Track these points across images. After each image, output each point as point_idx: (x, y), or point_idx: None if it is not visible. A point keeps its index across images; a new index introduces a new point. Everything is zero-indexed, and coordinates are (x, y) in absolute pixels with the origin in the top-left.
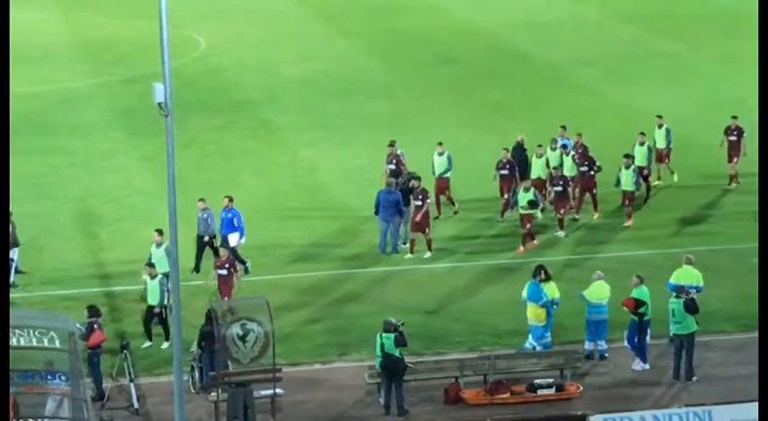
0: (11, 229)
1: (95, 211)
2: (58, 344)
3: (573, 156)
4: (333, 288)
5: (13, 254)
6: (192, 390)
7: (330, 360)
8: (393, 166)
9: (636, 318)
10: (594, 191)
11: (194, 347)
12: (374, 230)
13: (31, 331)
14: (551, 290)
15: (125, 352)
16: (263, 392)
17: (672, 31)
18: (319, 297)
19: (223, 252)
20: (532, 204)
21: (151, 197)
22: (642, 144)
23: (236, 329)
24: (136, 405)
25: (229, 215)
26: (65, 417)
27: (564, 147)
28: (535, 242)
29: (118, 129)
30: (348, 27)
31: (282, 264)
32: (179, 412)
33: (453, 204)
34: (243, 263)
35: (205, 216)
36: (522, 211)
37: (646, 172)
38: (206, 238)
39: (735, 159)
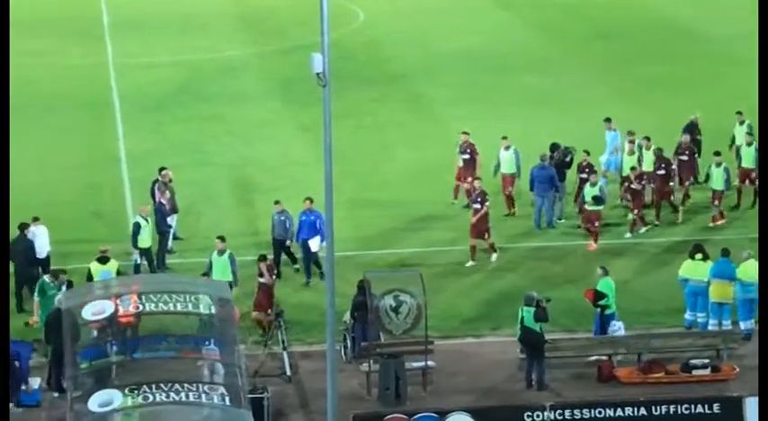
0: (169, 196)
1: (252, 180)
2: (213, 310)
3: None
4: (486, 262)
5: (172, 220)
6: (344, 360)
7: (482, 333)
8: (467, 156)
9: (598, 310)
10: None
11: (347, 317)
12: (528, 205)
13: (187, 296)
14: (708, 270)
15: (279, 320)
16: (415, 364)
17: None
18: (474, 271)
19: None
20: (597, 200)
21: (307, 167)
22: (750, 145)
23: (389, 300)
24: (288, 373)
25: (311, 217)
26: (219, 383)
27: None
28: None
29: (275, 99)
30: (506, 0)
31: (438, 238)
32: (331, 381)
33: (513, 206)
34: (319, 267)
35: (282, 218)
36: (588, 208)
37: (753, 174)
38: (287, 242)
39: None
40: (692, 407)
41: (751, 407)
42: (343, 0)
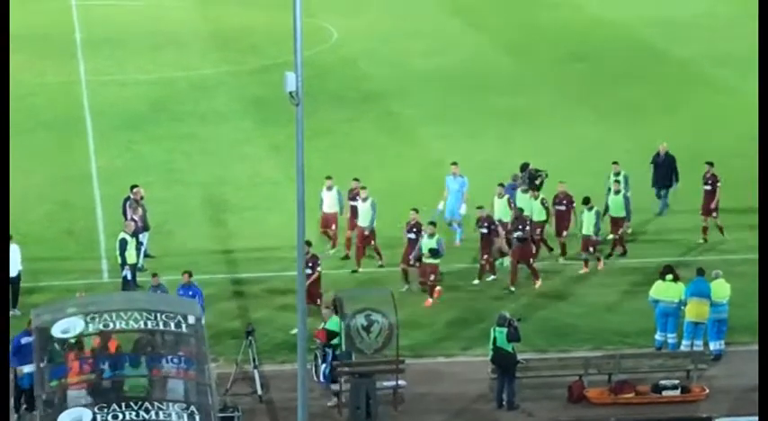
0: (141, 213)
1: (224, 198)
2: (184, 328)
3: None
4: (460, 280)
5: (143, 238)
6: (315, 379)
7: (453, 353)
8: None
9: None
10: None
11: None
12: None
13: (159, 315)
14: (679, 291)
15: (250, 338)
16: (386, 383)
17: None
18: (447, 290)
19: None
20: (434, 253)
21: (279, 186)
22: (617, 193)
23: (360, 320)
24: (260, 392)
25: (189, 292)
26: (189, 401)
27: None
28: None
29: (248, 118)
30: (480, 21)
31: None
32: (302, 400)
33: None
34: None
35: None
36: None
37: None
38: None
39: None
40: None
41: None
42: (317, 19)
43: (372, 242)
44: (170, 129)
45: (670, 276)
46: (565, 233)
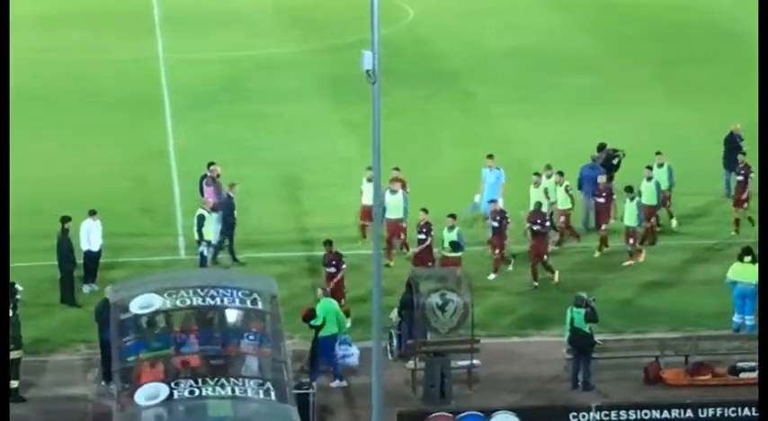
0: (217, 191)
1: (299, 177)
2: (260, 305)
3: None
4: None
5: (220, 215)
6: (390, 357)
7: (528, 333)
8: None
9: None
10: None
11: (394, 315)
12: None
13: (235, 292)
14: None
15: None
16: (461, 362)
17: None
18: (520, 270)
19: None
20: (455, 246)
21: (354, 164)
22: (649, 179)
23: (435, 299)
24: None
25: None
26: (265, 378)
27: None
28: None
29: (322, 97)
30: (557, 1)
31: (483, 237)
32: (377, 378)
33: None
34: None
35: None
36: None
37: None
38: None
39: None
40: (739, 409)
41: None
42: None
43: (402, 235)
44: (244, 107)
45: (748, 258)
46: (604, 226)
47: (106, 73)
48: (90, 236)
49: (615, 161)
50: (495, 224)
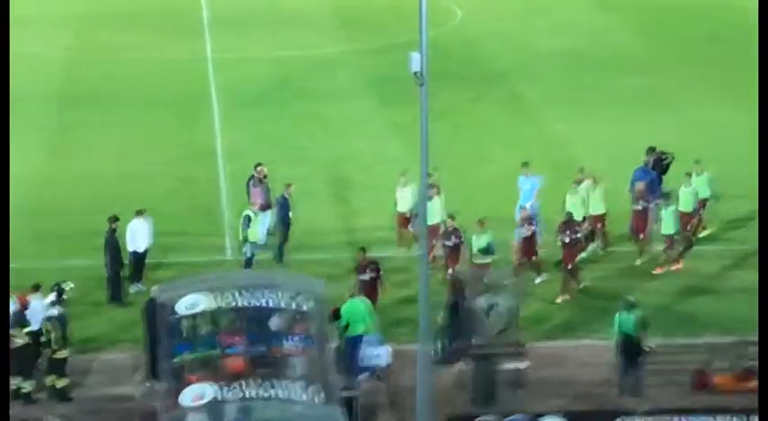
0: (264, 192)
1: (347, 177)
2: (306, 306)
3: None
4: (582, 265)
5: (266, 216)
6: (437, 360)
7: (577, 336)
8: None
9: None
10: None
11: (441, 317)
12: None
13: (282, 292)
14: None
15: None
16: (508, 365)
17: None
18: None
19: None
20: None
21: (401, 165)
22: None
23: (482, 302)
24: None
25: None
26: (312, 380)
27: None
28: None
29: (370, 97)
30: (608, 1)
31: None
32: (422, 381)
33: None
34: None
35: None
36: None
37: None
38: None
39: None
40: None
41: None
42: None
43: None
44: (293, 107)
45: None
46: (641, 235)
47: (155, 72)
48: (137, 236)
49: (664, 163)
50: (525, 232)
